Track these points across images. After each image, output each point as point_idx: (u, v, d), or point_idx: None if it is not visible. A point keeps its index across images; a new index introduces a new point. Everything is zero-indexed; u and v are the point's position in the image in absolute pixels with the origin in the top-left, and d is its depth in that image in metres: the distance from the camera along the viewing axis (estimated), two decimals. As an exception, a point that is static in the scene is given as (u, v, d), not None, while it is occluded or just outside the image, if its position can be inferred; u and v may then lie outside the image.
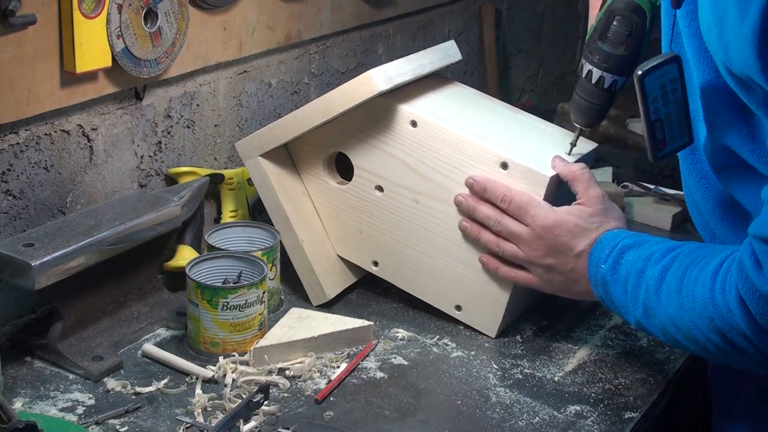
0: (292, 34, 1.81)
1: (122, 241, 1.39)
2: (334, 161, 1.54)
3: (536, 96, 2.83)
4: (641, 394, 1.36)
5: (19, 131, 1.38)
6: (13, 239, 1.33)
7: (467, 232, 1.43)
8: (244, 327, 1.38)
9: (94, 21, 1.39)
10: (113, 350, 1.38)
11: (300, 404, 1.29)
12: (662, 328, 1.22)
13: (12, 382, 1.31)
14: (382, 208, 1.49)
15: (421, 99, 1.50)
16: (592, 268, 1.31)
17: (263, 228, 1.55)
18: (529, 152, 1.43)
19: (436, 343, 1.46)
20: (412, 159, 1.45)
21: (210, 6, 1.60)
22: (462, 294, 1.47)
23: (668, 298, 1.20)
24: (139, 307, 1.47)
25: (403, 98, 1.47)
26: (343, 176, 1.54)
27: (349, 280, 1.57)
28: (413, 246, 1.48)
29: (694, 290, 1.16)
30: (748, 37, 0.99)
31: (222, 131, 1.73)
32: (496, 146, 1.41)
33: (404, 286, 1.52)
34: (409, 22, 2.18)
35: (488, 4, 2.46)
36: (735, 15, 1.01)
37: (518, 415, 1.30)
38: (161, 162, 1.62)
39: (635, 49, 1.33)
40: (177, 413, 1.26)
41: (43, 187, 1.44)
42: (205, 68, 1.65)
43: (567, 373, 1.41)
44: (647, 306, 1.23)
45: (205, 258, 1.44)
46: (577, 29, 2.97)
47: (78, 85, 1.42)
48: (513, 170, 1.39)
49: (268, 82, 1.80)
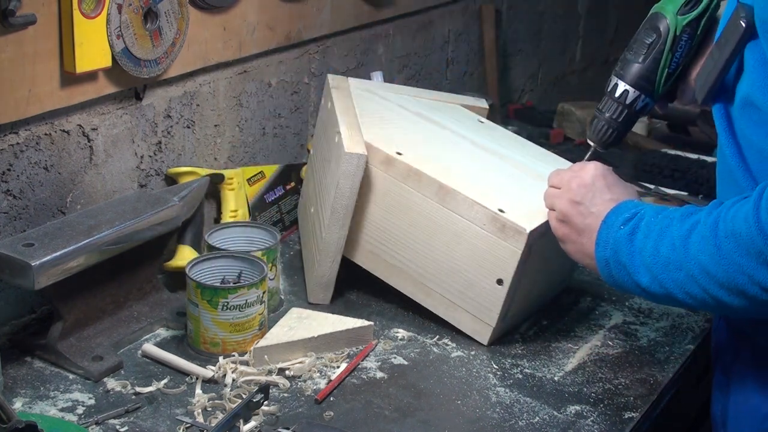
0: (292, 34, 1.81)
1: (122, 241, 1.39)
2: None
3: (536, 96, 2.83)
4: (641, 394, 1.37)
5: (19, 131, 1.38)
6: (13, 239, 1.33)
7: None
8: (244, 327, 1.38)
9: (94, 21, 1.39)
10: (113, 350, 1.38)
11: (300, 404, 1.29)
12: (688, 280, 1.17)
13: (12, 382, 1.31)
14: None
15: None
16: (605, 229, 1.26)
17: (263, 228, 1.55)
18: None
19: (436, 343, 1.46)
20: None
21: (210, 6, 1.60)
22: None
23: (701, 245, 1.15)
24: (139, 307, 1.47)
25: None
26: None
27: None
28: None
29: (734, 228, 1.11)
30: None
31: (222, 131, 1.73)
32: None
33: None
34: (409, 22, 2.18)
35: (488, 4, 2.46)
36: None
37: (518, 415, 1.30)
38: (161, 162, 1.62)
39: (652, 63, 1.33)
40: (177, 413, 1.26)
41: (43, 187, 1.44)
42: (205, 68, 1.65)
43: (567, 373, 1.41)
44: (670, 259, 1.18)
45: (205, 258, 1.44)
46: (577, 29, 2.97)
47: (78, 85, 1.42)
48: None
49: (268, 82, 1.81)
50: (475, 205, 1.41)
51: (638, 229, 1.22)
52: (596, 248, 1.26)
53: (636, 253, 1.21)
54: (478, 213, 1.41)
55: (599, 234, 1.26)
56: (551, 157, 1.68)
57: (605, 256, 1.25)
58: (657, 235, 1.19)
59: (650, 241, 1.20)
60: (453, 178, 1.44)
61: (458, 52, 2.41)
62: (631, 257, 1.21)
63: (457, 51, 2.40)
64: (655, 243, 1.19)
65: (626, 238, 1.23)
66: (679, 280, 1.17)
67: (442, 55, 2.35)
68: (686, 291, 1.17)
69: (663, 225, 1.20)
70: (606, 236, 1.25)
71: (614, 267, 1.24)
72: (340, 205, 1.47)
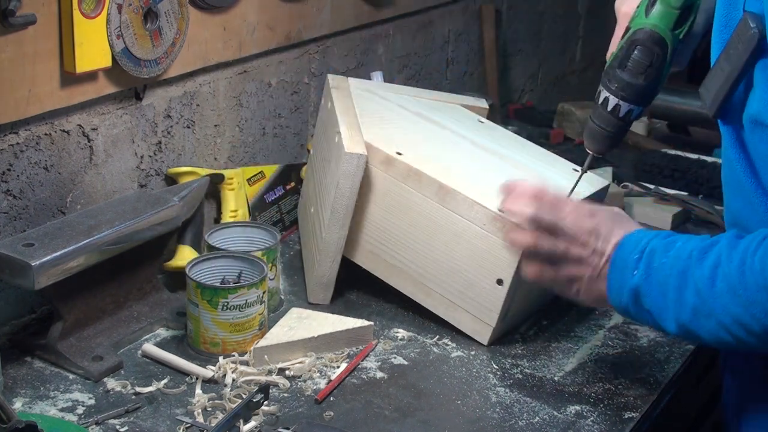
0: (292, 34, 1.81)
1: (122, 241, 1.39)
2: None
3: (536, 96, 2.83)
4: (641, 394, 1.36)
5: (19, 131, 1.38)
6: (13, 239, 1.33)
7: (531, 278, 1.34)
8: (244, 327, 1.38)
9: (94, 21, 1.39)
10: (113, 350, 1.38)
11: (300, 404, 1.29)
12: (719, 328, 1.15)
13: (12, 382, 1.31)
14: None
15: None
16: (615, 274, 1.22)
17: (263, 228, 1.55)
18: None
19: (436, 343, 1.46)
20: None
21: (210, 6, 1.60)
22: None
23: (730, 297, 1.12)
24: (139, 307, 1.47)
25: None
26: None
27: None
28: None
29: (766, 282, 1.09)
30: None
31: (222, 131, 1.73)
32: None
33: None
34: (409, 22, 2.18)
35: (488, 4, 2.46)
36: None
37: (518, 415, 1.30)
38: (161, 162, 1.62)
39: (654, 80, 1.32)
40: (177, 413, 1.26)
41: (43, 187, 1.44)
42: (205, 68, 1.65)
43: (567, 373, 1.41)
44: (698, 309, 1.15)
45: (205, 258, 1.44)
46: (577, 29, 2.97)
47: (78, 85, 1.42)
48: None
49: (268, 82, 1.81)
50: (475, 205, 1.41)
51: (652, 270, 1.19)
52: (609, 295, 1.23)
53: (659, 299, 1.18)
54: (478, 213, 1.41)
55: (610, 280, 1.23)
56: (551, 157, 1.68)
57: (623, 304, 1.22)
58: (678, 281, 1.16)
59: (671, 289, 1.17)
60: (453, 178, 1.44)
61: (458, 52, 2.41)
62: (653, 303, 1.19)
63: (457, 51, 2.40)
64: (677, 290, 1.16)
65: (644, 280, 1.19)
66: (709, 327, 1.15)
67: (442, 55, 2.35)
68: (718, 337, 1.16)
69: (680, 268, 1.16)
70: (620, 282, 1.22)
71: (635, 313, 1.22)
72: (340, 205, 1.47)
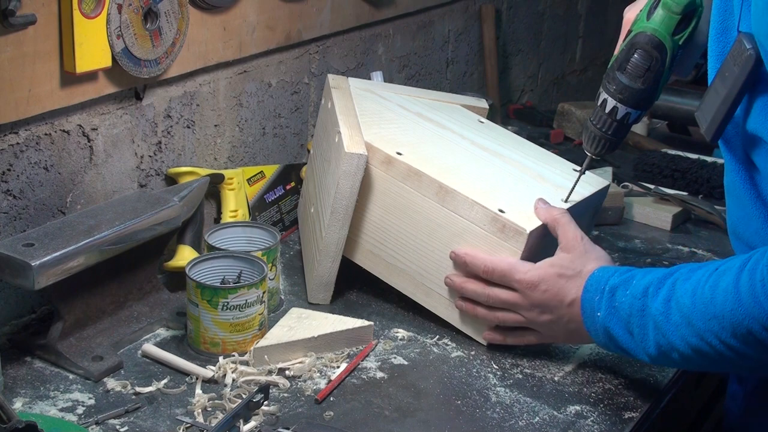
0: (292, 34, 1.81)
1: (122, 241, 1.39)
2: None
3: (536, 96, 2.83)
4: (641, 394, 1.36)
5: (19, 131, 1.38)
6: (13, 239, 1.33)
7: (463, 310, 1.43)
8: (244, 327, 1.38)
9: (94, 21, 1.39)
10: (113, 350, 1.38)
11: (300, 404, 1.29)
12: (683, 359, 1.19)
13: (12, 382, 1.31)
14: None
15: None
16: (587, 318, 1.30)
17: (263, 228, 1.55)
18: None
19: (436, 343, 1.46)
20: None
21: (210, 6, 1.60)
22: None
23: (683, 328, 1.16)
24: (139, 307, 1.47)
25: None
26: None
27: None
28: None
29: (715, 305, 1.11)
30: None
31: (222, 131, 1.73)
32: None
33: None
34: (409, 22, 2.18)
35: (488, 4, 2.46)
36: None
37: (518, 415, 1.30)
38: (161, 162, 1.62)
39: (653, 84, 1.32)
40: (177, 413, 1.26)
41: (43, 187, 1.44)
42: (205, 68, 1.65)
43: (567, 373, 1.41)
44: (660, 344, 1.19)
45: (205, 258, 1.44)
46: (577, 29, 2.97)
47: (78, 85, 1.42)
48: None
49: (268, 82, 1.81)
50: (475, 206, 1.41)
51: (613, 309, 1.25)
52: (594, 337, 1.31)
53: (627, 337, 1.24)
54: (478, 213, 1.41)
55: (586, 324, 1.30)
56: (551, 157, 1.68)
57: (603, 343, 1.30)
58: (638, 319, 1.22)
59: (634, 327, 1.23)
60: (453, 178, 1.44)
61: (458, 52, 2.41)
62: (624, 341, 1.25)
63: (457, 51, 2.40)
64: (640, 327, 1.22)
65: (609, 321, 1.26)
66: (676, 358, 1.20)
67: (442, 55, 2.35)
68: (690, 364, 1.22)
69: (638, 306, 1.21)
70: (593, 325, 1.29)
71: (615, 350, 1.29)
72: (340, 205, 1.47)
